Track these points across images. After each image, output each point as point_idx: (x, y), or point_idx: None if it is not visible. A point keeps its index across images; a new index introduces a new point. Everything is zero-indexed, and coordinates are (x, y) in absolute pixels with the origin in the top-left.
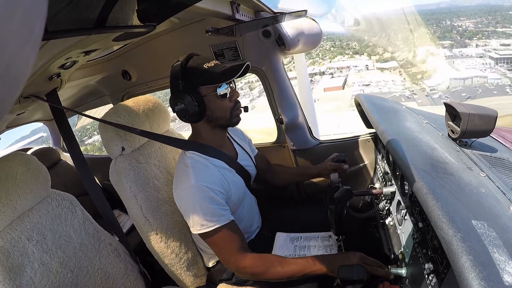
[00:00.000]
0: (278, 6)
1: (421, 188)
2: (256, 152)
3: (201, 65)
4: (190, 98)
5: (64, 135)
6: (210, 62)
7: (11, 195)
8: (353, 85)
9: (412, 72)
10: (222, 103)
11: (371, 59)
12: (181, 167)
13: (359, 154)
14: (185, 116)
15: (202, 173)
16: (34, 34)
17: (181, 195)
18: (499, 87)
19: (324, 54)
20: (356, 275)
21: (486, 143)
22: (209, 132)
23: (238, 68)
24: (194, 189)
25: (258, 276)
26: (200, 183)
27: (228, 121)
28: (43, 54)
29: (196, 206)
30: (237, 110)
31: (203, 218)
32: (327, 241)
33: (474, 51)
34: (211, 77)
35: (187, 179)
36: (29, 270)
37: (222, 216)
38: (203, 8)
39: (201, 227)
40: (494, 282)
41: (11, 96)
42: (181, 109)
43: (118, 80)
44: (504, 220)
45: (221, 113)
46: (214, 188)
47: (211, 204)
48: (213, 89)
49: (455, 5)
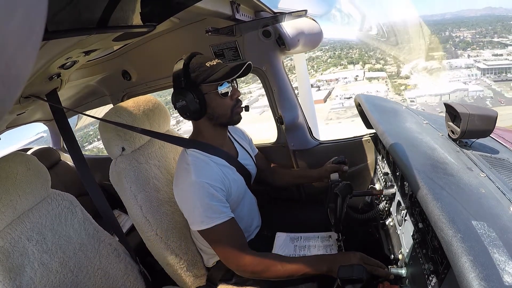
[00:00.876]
0: (278, 6)
1: (421, 188)
2: (256, 151)
3: (203, 63)
4: (192, 96)
5: (64, 135)
6: (213, 60)
7: (11, 195)
8: (336, 98)
9: (398, 83)
10: (223, 101)
11: (365, 67)
12: (182, 165)
13: (359, 154)
14: (186, 113)
15: (203, 170)
16: (34, 34)
17: (181, 192)
18: (479, 99)
19: (319, 66)
20: (356, 274)
21: (486, 143)
22: (210, 130)
23: (239, 67)
24: (195, 186)
25: (258, 274)
26: (201, 179)
27: (229, 119)
28: (43, 54)
29: (197, 203)
30: (238, 108)
31: (204, 215)
32: (327, 241)
33: (464, 62)
34: (212, 75)
35: (188, 175)
36: (29, 270)
37: (223, 213)
38: (203, 8)
39: (201, 224)
40: (494, 282)
41: (11, 96)
42: (182, 106)
43: (118, 80)
44: (504, 220)
45: (222, 111)
46: (214, 185)
47: (212, 200)
48: (214, 87)
49: (459, 16)
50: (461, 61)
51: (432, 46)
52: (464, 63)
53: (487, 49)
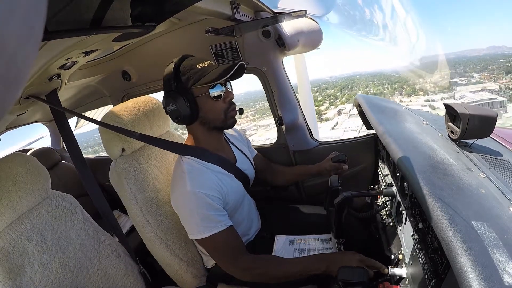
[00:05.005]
0: (278, 6)
1: (421, 189)
2: (255, 153)
3: (194, 65)
4: (183, 99)
5: (64, 136)
6: (204, 62)
7: (11, 195)
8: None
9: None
10: (215, 104)
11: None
12: (178, 173)
13: (359, 155)
14: (177, 117)
15: (199, 179)
16: (34, 34)
17: (177, 201)
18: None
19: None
20: (357, 278)
21: (486, 144)
22: (204, 135)
23: (231, 68)
24: (191, 196)
25: (258, 277)
26: (197, 189)
27: (223, 123)
28: (43, 54)
29: (193, 213)
30: (232, 111)
31: (201, 225)
32: (327, 244)
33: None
34: (204, 77)
35: (184, 184)
36: (29, 271)
37: (220, 222)
38: (203, 8)
39: (198, 233)
40: (494, 282)
41: (11, 97)
42: (172, 110)
43: (118, 81)
44: (504, 220)
45: (215, 115)
46: (211, 194)
47: (208, 210)
48: (206, 89)
49: (462, 56)
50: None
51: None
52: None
53: (434, 93)
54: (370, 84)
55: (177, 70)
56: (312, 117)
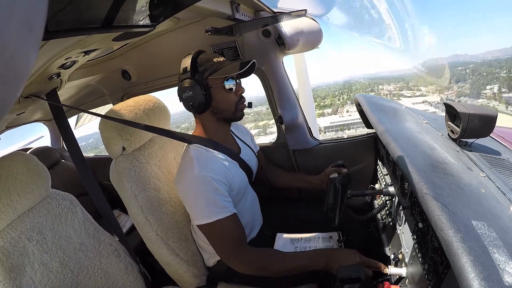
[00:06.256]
0: (278, 5)
1: (421, 188)
2: (258, 148)
3: (211, 59)
4: (199, 87)
5: (64, 135)
6: (220, 57)
7: (11, 194)
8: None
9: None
10: (228, 96)
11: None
12: (185, 159)
13: (359, 154)
14: (191, 104)
15: (206, 164)
16: (34, 34)
17: (184, 186)
18: None
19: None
20: (355, 274)
21: (486, 143)
22: (213, 124)
23: (244, 64)
24: (198, 179)
25: (258, 270)
26: (204, 173)
27: (233, 114)
28: (43, 54)
29: (200, 197)
30: (242, 105)
31: (206, 209)
32: (328, 242)
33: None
34: (220, 69)
35: (191, 169)
36: (29, 270)
37: (225, 208)
38: (203, 7)
39: (203, 218)
40: (494, 282)
41: (11, 96)
42: (188, 97)
43: (118, 80)
44: (504, 220)
45: (226, 106)
46: (217, 179)
47: (214, 195)
48: (221, 81)
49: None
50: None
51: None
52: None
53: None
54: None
55: (195, 61)
56: (312, 116)
